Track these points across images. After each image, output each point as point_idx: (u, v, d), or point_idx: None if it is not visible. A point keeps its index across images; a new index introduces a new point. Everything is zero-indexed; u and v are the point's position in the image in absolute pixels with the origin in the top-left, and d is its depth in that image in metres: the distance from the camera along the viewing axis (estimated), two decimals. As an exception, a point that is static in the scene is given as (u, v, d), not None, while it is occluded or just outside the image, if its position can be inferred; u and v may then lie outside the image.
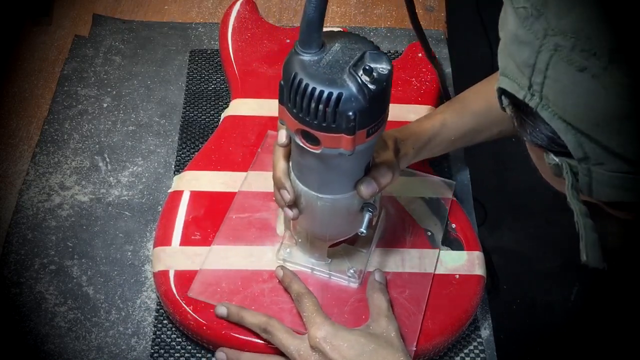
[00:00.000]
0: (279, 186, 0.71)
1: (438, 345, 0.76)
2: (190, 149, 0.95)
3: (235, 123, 0.93)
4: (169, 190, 0.86)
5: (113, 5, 1.13)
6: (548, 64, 0.44)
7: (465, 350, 0.79)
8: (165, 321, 0.79)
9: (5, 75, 1.03)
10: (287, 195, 0.70)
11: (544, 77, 0.44)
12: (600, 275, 1.37)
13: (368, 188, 0.68)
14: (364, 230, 0.70)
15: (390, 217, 0.83)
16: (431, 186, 0.86)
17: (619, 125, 0.42)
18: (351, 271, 0.77)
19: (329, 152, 0.62)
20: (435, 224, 0.83)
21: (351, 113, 0.59)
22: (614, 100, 0.42)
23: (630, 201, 0.46)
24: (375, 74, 0.59)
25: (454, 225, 0.84)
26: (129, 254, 0.84)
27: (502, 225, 1.59)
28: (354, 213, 0.71)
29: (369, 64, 0.59)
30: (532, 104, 0.46)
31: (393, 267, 0.79)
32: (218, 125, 0.93)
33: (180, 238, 0.81)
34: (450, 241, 0.82)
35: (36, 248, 0.84)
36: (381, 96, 0.60)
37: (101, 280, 0.82)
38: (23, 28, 1.09)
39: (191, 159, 0.90)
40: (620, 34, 0.41)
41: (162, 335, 0.78)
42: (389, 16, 1.14)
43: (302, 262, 0.79)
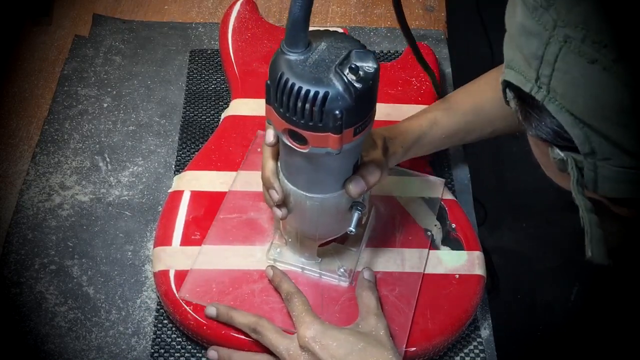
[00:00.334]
0: (267, 186, 0.71)
1: (438, 345, 0.76)
2: (190, 149, 0.95)
3: (235, 123, 0.93)
4: (169, 190, 0.86)
5: (113, 5, 1.13)
6: (557, 56, 0.43)
7: (465, 350, 0.79)
8: (165, 321, 0.79)
9: (5, 75, 1.03)
10: (276, 195, 0.70)
11: (553, 69, 0.44)
12: (600, 275, 1.37)
13: (356, 187, 0.68)
14: (353, 229, 0.70)
15: (380, 216, 0.83)
16: (421, 185, 0.86)
17: (629, 119, 0.42)
18: (341, 270, 0.77)
19: (317, 152, 0.62)
20: (426, 222, 0.83)
21: (338, 112, 0.59)
22: (624, 94, 0.41)
23: (636, 197, 0.45)
24: (361, 73, 0.59)
25: (454, 225, 0.84)
26: (129, 254, 0.84)
27: (502, 225, 1.59)
28: (343, 212, 0.71)
29: (355, 63, 0.60)
30: (539, 96, 0.45)
31: (383, 266, 0.79)
32: (218, 125, 0.93)
33: (181, 238, 0.81)
34: (450, 241, 0.82)
35: (36, 248, 0.84)
36: (368, 95, 0.61)
37: (101, 280, 0.82)
38: (23, 28, 1.09)
39: (191, 159, 0.90)
40: (632, 26, 0.40)
41: (162, 335, 0.78)
42: (389, 16, 1.14)
43: (292, 262, 0.79)
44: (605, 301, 1.41)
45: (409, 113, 0.85)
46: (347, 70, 0.59)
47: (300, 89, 0.59)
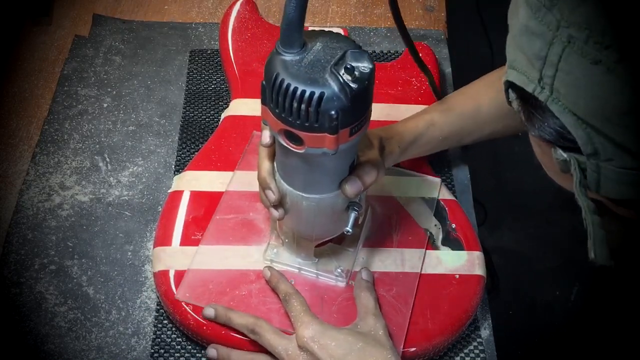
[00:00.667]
0: (263, 186, 0.71)
1: (438, 345, 0.76)
2: (190, 149, 0.95)
3: (235, 123, 0.93)
4: (169, 190, 0.86)
5: (113, 5, 1.13)
6: (560, 57, 0.43)
7: (465, 350, 0.79)
8: (165, 321, 0.79)
9: (5, 75, 1.03)
10: (272, 196, 0.70)
11: (556, 70, 0.44)
12: (600, 275, 1.37)
13: (353, 187, 0.68)
14: (350, 229, 0.70)
15: (376, 216, 0.83)
16: (418, 184, 0.86)
17: (631, 120, 0.42)
18: (338, 270, 0.77)
19: (313, 152, 0.62)
20: (425, 222, 0.83)
21: (333, 112, 0.59)
22: (628, 95, 0.41)
23: (638, 199, 0.45)
24: (357, 73, 0.59)
25: (454, 225, 0.84)
26: (129, 254, 0.84)
27: (502, 225, 1.59)
28: (339, 212, 0.71)
29: (351, 63, 0.59)
30: (542, 97, 0.45)
31: (380, 266, 0.79)
32: (218, 125, 0.93)
33: (180, 238, 0.81)
34: (450, 241, 0.82)
35: (36, 248, 0.84)
36: (363, 95, 0.60)
37: (101, 280, 0.82)
38: (23, 28, 1.09)
39: (191, 159, 0.90)
40: (634, 27, 0.40)
41: (162, 335, 0.78)
42: (389, 16, 1.14)
43: (289, 262, 0.78)
44: (605, 301, 1.41)
45: (408, 113, 0.85)
46: (343, 71, 0.59)
47: (295, 89, 0.59)
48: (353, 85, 0.59)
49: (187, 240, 0.81)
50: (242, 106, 0.95)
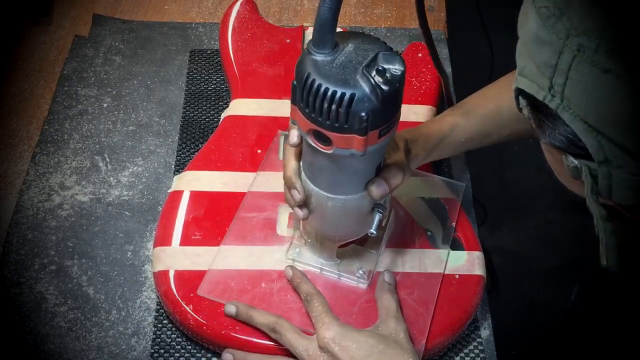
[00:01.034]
0: (289, 186, 0.71)
1: (438, 345, 0.76)
2: (190, 149, 0.95)
3: (235, 123, 0.93)
4: (169, 190, 0.86)
5: (113, 5, 1.13)
6: (571, 65, 0.43)
7: (465, 350, 0.79)
8: (165, 321, 0.79)
9: (5, 75, 1.03)
10: (298, 195, 0.70)
11: (566, 78, 0.44)
12: (600, 275, 1.37)
13: (379, 189, 0.68)
14: (374, 231, 0.69)
15: (399, 218, 0.83)
16: (440, 188, 0.86)
17: None
18: (360, 272, 0.77)
19: (341, 153, 0.62)
20: (441, 225, 0.83)
21: (364, 114, 0.58)
22: (638, 103, 0.41)
23: None
24: (388, 75, 0.59)
25: (454, 225, 0.84)
26: (129, 254, 0.84)
27: (502, 225, 1.59)
28: (364, 214, 0.71)
29: (382, 65, 0.59)
30: (553, 105, 0.45)
31: (402, 268, 0.79)
32: (218, 125, 0.93)
33: (180, 238, 0.81)
34: (450, 241, 0.82)
35: (36, 248, 0.84)
36: (394, 97, 0.60)
37: (101, 280, 0.82)
38: (23, 28, 1.09)
39: (191, 159, 0.90)
40: None
41: (162, 335, 0.78)
42: (389, 16, 1.14)
43: (311, 262, 0.79)
44: (605, 301, 1.41)
45: (409, 113, 0.85)
46: (374, 72, 0.59)
47: (326, 89, 0.59)
48: (384, 87, 0.59)
49: (187, 240, 0.81)
50: (242, 106, 0.95)
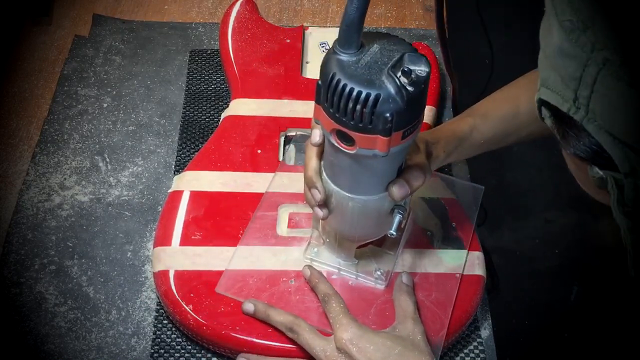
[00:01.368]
0: (309, 185, 0.71)
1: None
2: (190, 149, 0.95)
3: (235, 123, 0.93)
4: (169, 190, 0.86)
5: (113, 5, 1.13)
6: (596, 78, 0.43)
7: (465, 350, 0.79)
8: (165, 321, 0.79)
9: (5, 75, 1.03)
10: (318, 195, 0.70)
11: (591, 91, 0.44)
12: (600, 275, 1.37)
13: (400, 190, 0.68)
14: (394, 232, 0.69)
15: (417, 219, 0.83)
16: (458, 190, 0.87)
17: None
18: (378, 272, 0.77)
19: (364, 153, 0.62)
20: (461, 226, 0.83)
21: (388, 114, 0.58)
22: None
23: None
24: (413, 76, 0.59)
25: (454, 225, 0.84)
26: (129, 254, 0.84)
27: (502, 225, 1.59)
28: (384, 214, 0.71)
29: (408, 66, 0.59)
30: (578, 117, 0.45)
31: (420, 269, 0.79)
32: (218, 125, 0.93)
33: (180, 238, 0.81)
34: (451, 241, 0.82)
35: (36, 248, 0.84)
36: (419, 98, 0.60)
37: (101, 280, 0.82)
38: (23, 28, 1.09)
39: (191, 159, 0.90)
40: None
41: (162, 335, 0.78)
42: (389, 16, 1.14)
43: (329, 262, 0.79)
44: (605, 301, 1.41)
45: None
46: (400, 73, 0.59)
47: (351, 90, 0.58)
48: (409, 88, 0.58)
49: (187, 240, 0.81)
50: (242, 106, 0.95)
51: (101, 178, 0.91)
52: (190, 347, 0.77)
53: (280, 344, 0.74)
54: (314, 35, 1.06)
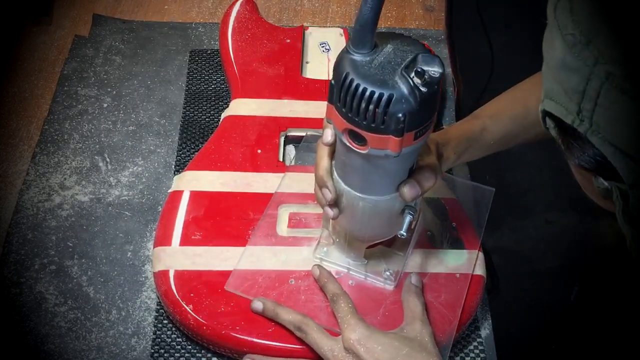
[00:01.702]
0: (320, 184, 0.71)
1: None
2: (190, 149, 0.95)
3: (235, 123, 0.93)
4: (169, 190, 0.86)
5: (113, 5, 1.13)
6: (599, 92, 0.43)
7: (465, 350, 0.79)
8: (165, 321, 0.79)
9: (5, 75, 1.03)
10: (329, 194, 0.70)
11: (595, 104, 0.44)
12: (600, 275, 1.37)
13: (411, 190, 0.67)
14: (404, 233, 0.69)
15: (427, 220, 0.83)
16: (469, 192, 0.87)
17: None
18: (387, 273, 0.77)
19: (376, 153, 0.62)
20: (469, 227, 0.83)
21: (401, 115, 0.58)
22: None
23: None
24: (427, 77, 0.59)
25: (454, 225, 0.84)
26: (129, 254, 0.84)
27: (502, 225, 1.59)
28: (394, 215, 0.71)
29: (421, 67, 0.59)
30: (581, 129, 0.45)
31: (429, 269, 0.79)
32: (218, 125, 0.93)
33: (180, 238, 0.81)
34: (451, 241, 0.82)
35: (36, 248, 0.84)
36: (432, 99, 0.60)
37: (101, 280, 0.82)
38: (23, 28, 1.09)
39: (191, 159, 0.90)
40: None
41: (162, 335, 0.78)
42: (389, 16, 1.14)
43: (339, 262, 0.79)
44: (605, 301, 1.41)
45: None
46: (413, 74, 0.59)
47: (364, 90, 0.58)
48: (422, 89, 0.58)
49: (187, 240, 0.81)
50: (242, 106, 0.95)
51: (101, 178, 0.91)
52: (190, 347, 0.77)
53: (281, 344, 0.74)
54: (314, 35, 1.06)
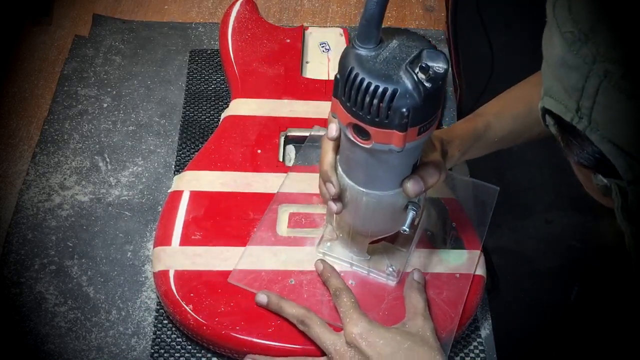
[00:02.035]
0: (324, 179, 0.71)
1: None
2: (190, 149, 0.95)
3: (235, 123, 0.93)
4: (169, 190, 0.86)
5: (113, 5, 1.13)
6: (598, 90, 0.44)
7: (465, 350, 0.79)
8: (165, 321, 0.79)
9: (5, 75, 1.03)
10: (333, 189, 0.70)
11: (594, 102, 0.44)
12: (600, 275, 1.37)
13: (415, 186, 0.68)
14: (407, 229, 0.70)
15: (431, 218, 0.83)
16: (473, 190, 0.87)
17: None
18: (390, 269, 0.78)
19: (379, 148, 0.62)
20: (472, 227, 0.84)
21: (405, 110, 0.59)
22: None
23: None
24: (431, 72, 0.59)
25: (454, 225, 0.84)
26: (129, 254, 0.84)
27: (502, 225, 1.59)
28: (398, 211, 0.71)
29: (426, 62, 0.59)
30: (580, 126, 0.46)
31: (431, 267, 0.79)
32: (218, 125, 0.93)
33: (180, 238, 0.81)
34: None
35: (36, 248, 0.84)
36: (436, 95, 0.61)
37: (101, 280, 0.82)
38: (23, 28, 1.09)
39: (191, 159, 0.90)
40: None
41: (162, 335, 0.78)
42: (389, 16, 1.14)
43: (342, 257, 0.79)
44: (605, 301, 1.41)
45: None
46: (418, 69, 0.59)
47: (369, 84, 0.59)
48: (427, 84, 0.59)
49: (187, 240, 0.81)
50: (242, 106, 0.95)
51: (101, 178, 0.91)
52: (190, 347, 0.77)
53: (281, 344, 0.74)
54: (314, 35, 1.06)
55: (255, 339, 0.74)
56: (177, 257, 0.79)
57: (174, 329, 0.78)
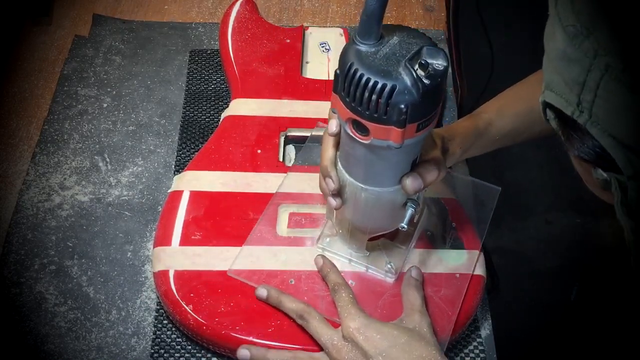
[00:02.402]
0: (324, 174, 0.72)
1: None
2: (190, 149, 0.95)
3: (235, 123, 0.93)
4: (169, 190, 0.86)
5: (113, 5, 1.13)
6: (599, 84, 0.44)
7: (465, 350, 0.79)
8: (165, 321, 0.79)
9: (5, 75, 1.03)
10: (332, 184, 0.71)
11: (595, 96, 0.44)
12: (600, 275, 1.37)
13: (413, 183, 0.68)
14: (405, 226, 0.70)
15: (431, 217, 0.84)
16: (474, 190, 0.87)
17: None
18: (388, 266, 0.78)
19: (378, 144, 0.62)
20: (472, 227, 0.83)
21: (403, 106, 0.59)
22: None
23: None
24: (430, 69, 0.59)
25: (454, 225, 0.84)
26: (129, 254, 0.84)
27: (502, 225, 1.59)
28: (397, 208, 0.71)
29: (426, 59, 0.60)
30: (581, 120, 0.46)
31: (430, 266, 0.80)
32: (218, 125, 0.93)
33: (180, 238, 0.81)
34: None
35: (36, 248, 0.84)
36: (435, 92, 0.61)
37: (101, 280, 0.82)
38: (23, 28, 1.09)
39: (191, 159, 0.90)
40: None
41: (162, 335, 0.78)
42: (389, 16, 1.14)
43: (341, 252, 0.79)
44: (605, 301, 1.41)
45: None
46: (417, 66, 0.59)
47: (368, 80, 0.59)
48: (426, 81, 0.59)
49: (187, 240, 0.81)
50: (242, 106, 0.95)
51: (101, 178, 0.91)
52: (190, 347, 0.77)
53: (280, 344, 0.74)
54: (314, 35, 1.06)
55: (255, 339, 0.74)
56: (177, 257, 0.79)
57: (174, 329, 0.78)
